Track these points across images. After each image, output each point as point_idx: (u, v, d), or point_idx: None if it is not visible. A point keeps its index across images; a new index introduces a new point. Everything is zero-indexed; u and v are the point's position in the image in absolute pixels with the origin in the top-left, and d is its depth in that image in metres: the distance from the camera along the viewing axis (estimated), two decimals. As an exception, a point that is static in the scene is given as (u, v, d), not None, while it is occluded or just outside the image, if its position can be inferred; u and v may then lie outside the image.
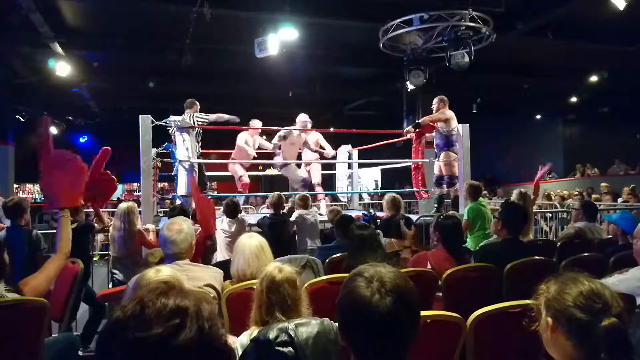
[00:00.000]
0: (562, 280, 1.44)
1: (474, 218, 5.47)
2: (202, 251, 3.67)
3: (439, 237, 3.62)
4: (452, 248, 3.54)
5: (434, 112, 7.15)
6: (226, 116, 6.85)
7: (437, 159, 7.19)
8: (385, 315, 1.17)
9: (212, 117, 6.70)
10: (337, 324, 1.68)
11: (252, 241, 2.94)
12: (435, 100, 7.15)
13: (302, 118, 7.60)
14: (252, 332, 2.03)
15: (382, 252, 3.31)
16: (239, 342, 2.01)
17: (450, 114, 6.95)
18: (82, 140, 17.94)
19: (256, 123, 7.89)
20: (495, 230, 3.84)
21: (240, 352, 1.95)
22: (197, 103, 6.84)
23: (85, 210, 5.46)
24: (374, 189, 12.06)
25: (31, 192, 17.32)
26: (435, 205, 7.27)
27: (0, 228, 4.42)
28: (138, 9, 9.01)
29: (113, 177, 4.67)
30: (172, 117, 6.64)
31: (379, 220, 5.47)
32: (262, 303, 2.07)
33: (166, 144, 7.78)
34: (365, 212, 6.91)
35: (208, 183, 8.53)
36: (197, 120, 6.58)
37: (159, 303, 0.93)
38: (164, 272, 2.11)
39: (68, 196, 2.77)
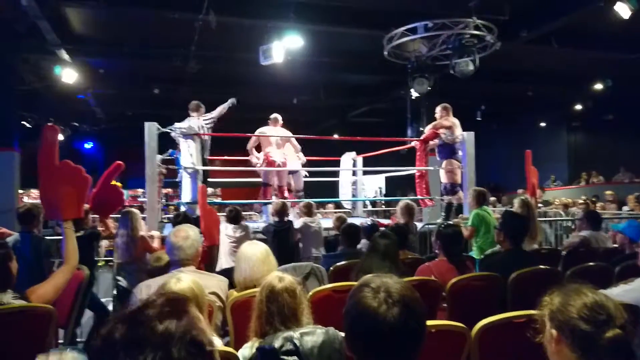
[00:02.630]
0: (566, 292, 1.44)
1: (479, 224, 5.45)
2: (206, 260, 3.67)
3: (440, 246, 3.62)
4: (454, 256, 3.54)
5: (437, 120, 7.15)
6: (224, 105, 7.05)
7: (440, 167, 7.18)
8: (392, 326, 1.18)
9: (215, 113, 6.84)
10: (342, 333, 1.68)
11: (257, 247, 2.92)
12: (438, 109, 7.15)
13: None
14: (253, 343, 2.02)
15: (394, 262, 3.26)
16: (240, 354, 2.00)
17: (454, 121, 6.94)
18: (87, 146, 18.03)
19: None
20: (498, 241, 3.83)
21: None
22: (203, 106, 6.87)
23: (91, 216, 5.49)
24: (374, 197, 12.05)
25: (36, 197, 17.37)
26: (443, 213, 7.26)
27: (9, 234, 4.44)
28: (144, 17, 9.08)
29: (122, 190, 4.72)
30: (177, 124, 6.66)
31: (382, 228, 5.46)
32: (261, 313, 2.06)
33: (170, 150, 7.81)
34: (368, 221, 6.90)
35: (212, 189, 8.56)
36: (206, 124, 6.62)
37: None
38: (184, 281, 2.12)
39: (70, 208, 2.73)
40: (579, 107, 15.04)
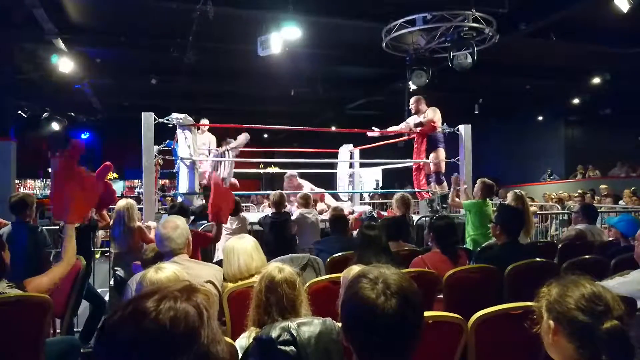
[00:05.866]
0: (564, 283, 1.44)
1: (471, 209, 5.44)
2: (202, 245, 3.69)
3: (433, 238, 3.62)
4: (447, 248, 3.55)
5: (413, 111, 7.37)
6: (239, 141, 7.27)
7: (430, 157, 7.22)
8: (390, 317, 1.18)
9: (232, 144, 6.95)
10: (339, 324, 1.68)
11: (247, 240, 3.01)
12: (412, 100, 7.25)
13: None
14: (251, 333, 2.03)
15: (387, 253, 3.27)
16: (238, 345, 2.00)
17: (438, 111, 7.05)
18: (83, 136, 17.92)
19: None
20: (494, 234, 3.83)
21: (240, 354, 1.95)
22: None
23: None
24: (374, 189, 12.08)
25: (32, 187, 17.33)
26: (429, 207, 7.28)
27: (5, 224, 4.42)
28: (141, 6, 9.00)
29: (114, 189, 4.80)
30: (174, 115, 6.64)
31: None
32: (260, 303, 2.07)
33: (167, 141, 7.79)
34: (367, 211, 6.91)
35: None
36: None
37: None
38: (165, 270, 2.10)
39: (77, 213, 2.78)
40: (576, 101, 15.03)
